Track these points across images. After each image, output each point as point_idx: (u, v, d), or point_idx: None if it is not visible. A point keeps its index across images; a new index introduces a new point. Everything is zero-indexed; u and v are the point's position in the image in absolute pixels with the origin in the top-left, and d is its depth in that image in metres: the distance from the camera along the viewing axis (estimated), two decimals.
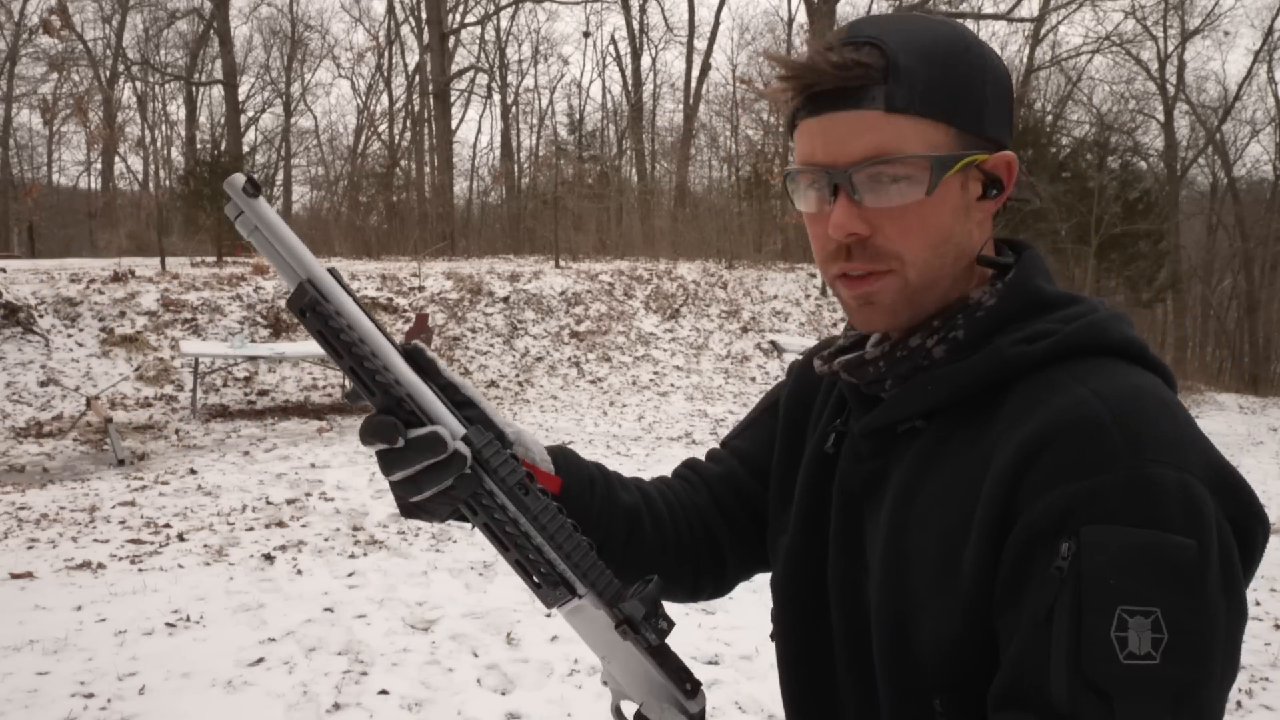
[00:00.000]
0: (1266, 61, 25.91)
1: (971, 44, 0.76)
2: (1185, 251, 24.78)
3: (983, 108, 0.74)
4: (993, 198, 0.76)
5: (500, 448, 0.75)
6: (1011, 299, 0.75)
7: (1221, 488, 0.64)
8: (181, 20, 31.13)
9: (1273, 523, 6.17)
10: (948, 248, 0.75)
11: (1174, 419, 0.66)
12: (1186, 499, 0.62)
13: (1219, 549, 0.62)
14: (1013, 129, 0.79)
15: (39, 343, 9.73)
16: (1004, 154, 0.76)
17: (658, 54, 48.38)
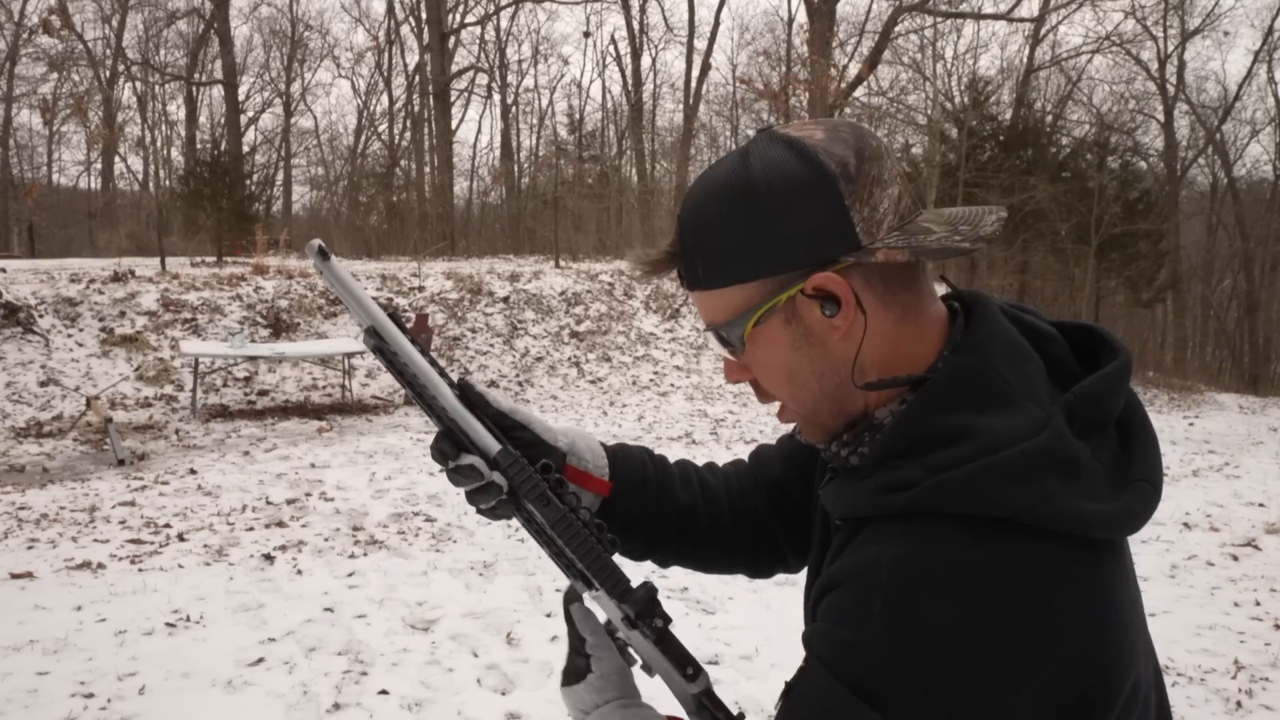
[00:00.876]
0: (1266, 61, 25.93)
1: (738, 184, 0.75)
2: (1185, 251, 24.79)
3: (769, 247, 0.75)
4: (833, 315, 0.74)
5: (524, 466, 0.86)
6: (895, 435, 0.75)
7: (991, 693, 0.65)
8: (181, 20, 31.15)
9: (1272, 523, 6.17)
10: (803, 378, 0.79)
11: (958, 610, 0.65)
12: (901, 685, 0.65)
13: None
14: (855, 225, 0.74)
15: (39, 343, 9.73)
16: (813, 277, 0.74)
17: (658, 54, 48.42)
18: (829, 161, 0.74)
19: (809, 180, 0.74)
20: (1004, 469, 0.69)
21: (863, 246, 0.74)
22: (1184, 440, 10.12)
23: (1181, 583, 4.83)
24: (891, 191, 0.76)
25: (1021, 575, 0.67)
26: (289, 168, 34.34)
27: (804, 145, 0.75)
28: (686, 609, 4.16)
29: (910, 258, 0.72)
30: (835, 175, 0.74)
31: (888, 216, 0.75)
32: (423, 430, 8.67)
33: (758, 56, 27.44)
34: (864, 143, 0.76)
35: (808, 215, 0.74)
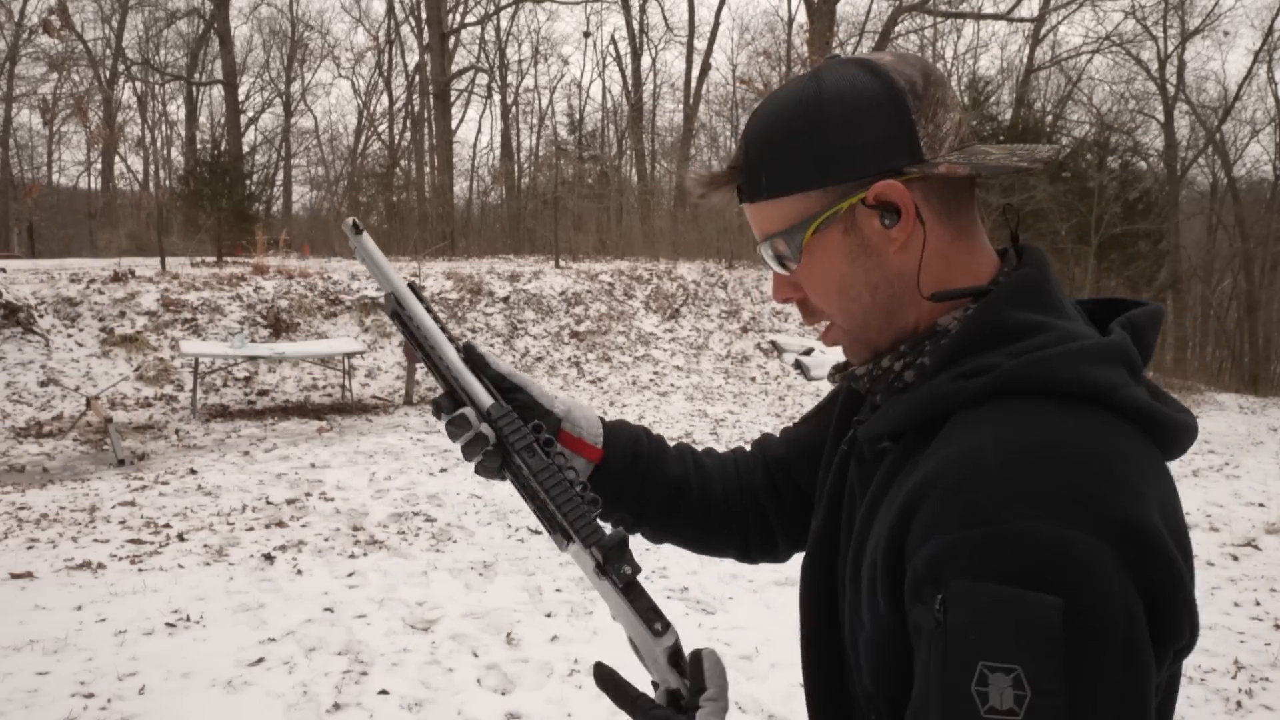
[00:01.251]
0: (1266, 61, 25.92)
1: (809, 98, 0.78)
2: (1185, 251, 24.79)
3: (836, 156, 0.77)
4: (892, 226, 0.76)
5: (513, 419, 0.91)
6: (971, 329, 0.75)
7: (1131, 547, 0.62)
8: (181, 20, 31.16)
9: (1272, 523, 6.17)
10: (856, 290, 0.80)
11: (1079, 471, 0.64)
12: (1058, 555, 0.60)
13: (1108, 608, 0.60)
14: (919, 140, 0.76)
15: (39, 343, 9.73)
16: (876, 184, 0.76)
17: (658, 54, 48.42)
18: (899, 79, 0.77)
19: (879, 94, 0.77)
20: (1087, 353, 0.71)
21: (925, 160, 0.77)
22: None
23: None
24: (954, 115, 0.79)
25: (1120, 445, 0.68)
26: (289, 168, 34.37)
27: (875, 64, 0.78)
28: (686, 609, 4.16)
29: (971, 172, 0.75)
30: (904, 90, 0.77)
31: (949, 136, 0.78)
32: (422, 430, 8.67)
33: (758, 56, 27.47)
34: (930, 69, 0.79)
35: (875, 127, 0.77)
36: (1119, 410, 0.70)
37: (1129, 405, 0.71)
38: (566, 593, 4.37)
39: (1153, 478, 0.68)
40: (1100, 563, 0.61)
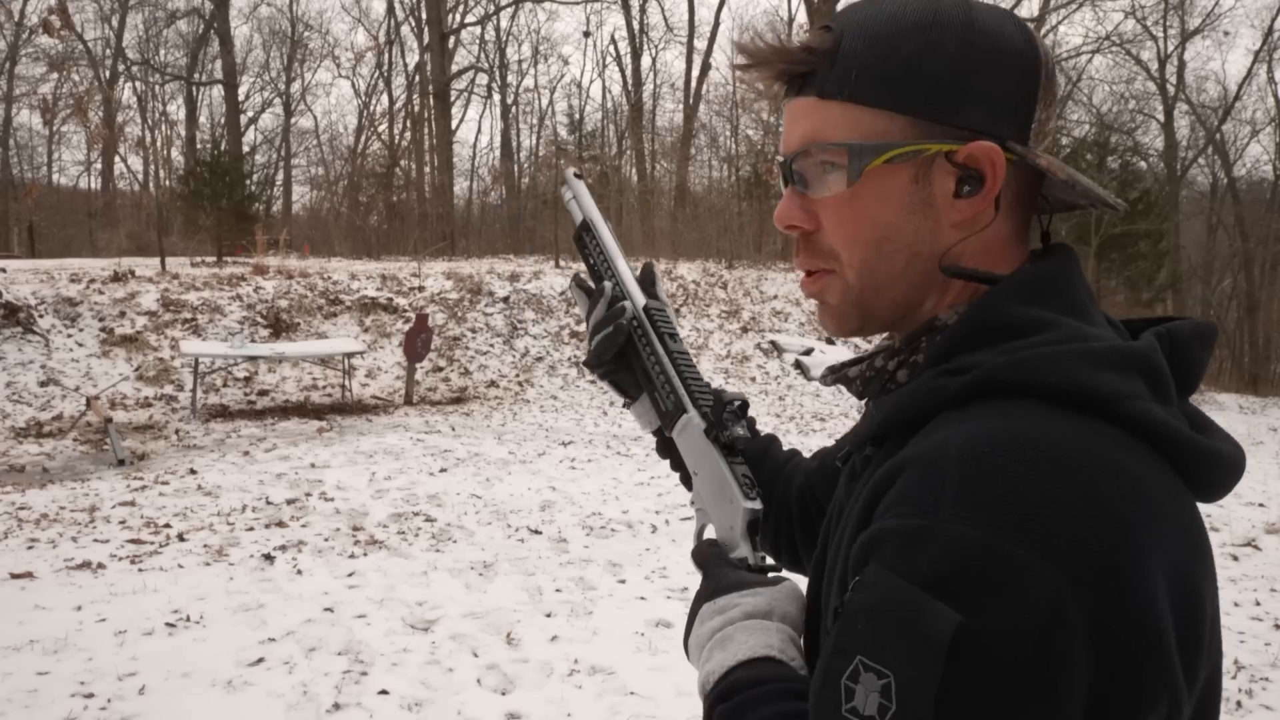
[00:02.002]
0: (1266, 61, 25.92)
1: (954, 13, 0.66)
2: (1185, 251, 24.79)
3: (951, 92, 0.66)
4: (968, 196, 0.66)
5: (662, 307, 0.94)
6: (967, 322, 0.66)
7: (1093, 590, 0.52)
8: (181, 20, 31.16)
9: (1272, 523, 6.17)
10: (893, 248, 0.68)
11: (1051, 482, 0.54)
12: (978, 568, 0.52)
13: (1017, 644, 0.51)
14: (1033, 121, 0.67)
15: (39, 343, 9.73)
16: (979, 143, 0.65)
17: (658, 54, 48.39)
18: (1040, 48, 0.68)
19: (1025, 55, 0.67)
20: (1093, 354, 0.61)
21: (1029, 145, 0.68)
22: None
23: None
24: (1054, 112, 0.70)
25: (1117, 460, 0.56)
26: (289, 168, 34.38)
27: (1027, 26, 0.68)
28: (686, 609, 4.16)
29: (1065, 178, 0.66)
30: (1044, 64, 0.68)
31: (1047, 137, 0.69)
32: (422, 430, 8.67)
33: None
34: (1050, 57, 0.69)
35: (1006, 83, 0.67)
36: (1127, 426, 0.59)
37: (1139, 419, 0.59)
38: (566, 593, 4.37)
39: (1160, 516, 0.56)
40: (1031, 592, 0.51)
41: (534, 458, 7.54)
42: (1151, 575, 0.54)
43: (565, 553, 5.00)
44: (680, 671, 3.48)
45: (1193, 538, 0.59)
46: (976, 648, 0.51)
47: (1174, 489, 0.60)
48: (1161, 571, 0.55)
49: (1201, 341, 0.69)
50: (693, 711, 3.17)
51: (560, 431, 9.10)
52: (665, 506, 6.02)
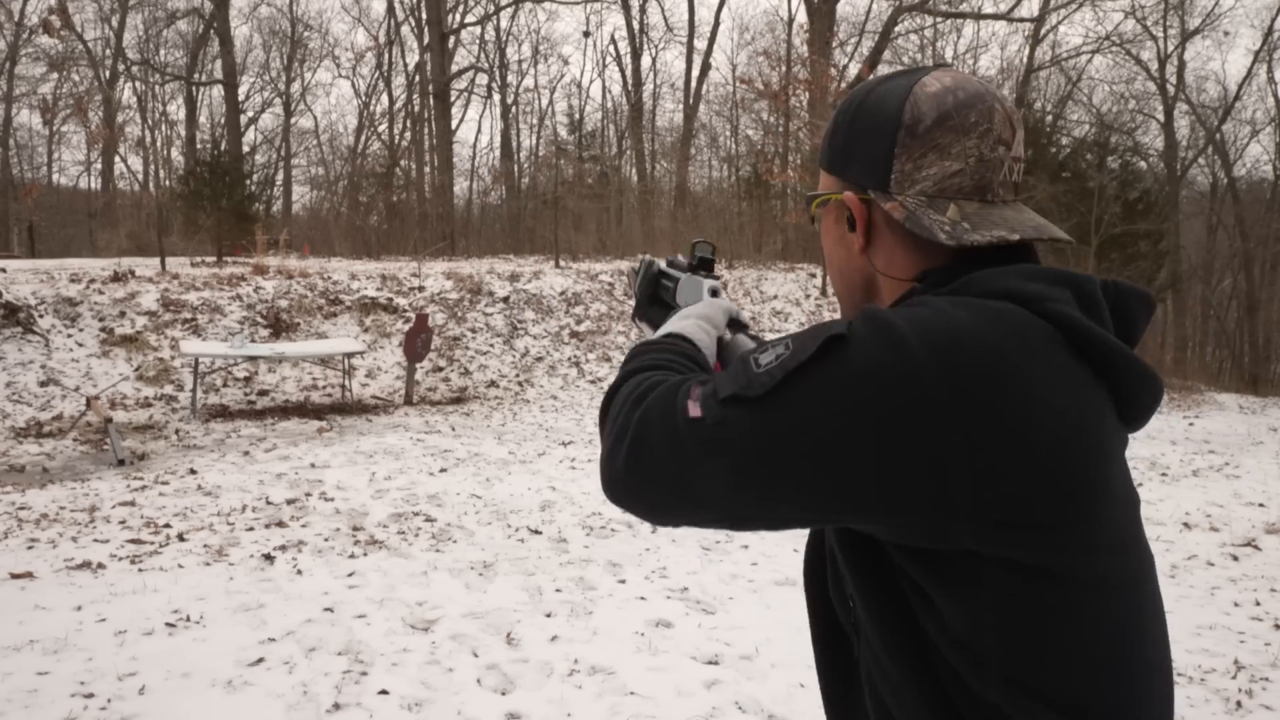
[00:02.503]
0: (1266, 61, 25.91)
1: (859, 99, 0.90)
2: (1185, 251, 24.78)
3: (843, 155, 0.91)
4: (852, 230, 0.90)
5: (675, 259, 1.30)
6: (925, 281, 0.87)
7: (959, 367, 0.73)
8: (181, 20, 31.15)
9: (1272, 523, 6.16)
10: (836, 269, 0.96)
11: (957, 309, 0.77)
12: (877, 323, 0.76)
13: (862, 367, 0.74)
14: (892, 173, 0.87)
15: (39, 343, 9.73)
16: (845, 193, 0.90)
17: (658, 54, 48.38)
18: (909, 111, 0.86)
19: (885, 118, 0.87)
20: (1025, 273, 0.82)
21: (887, 191, 0.87)
22: (1184, 440, 10.12)
23: (1181, 583, 4.83)
24: (949, 165, 0.85)
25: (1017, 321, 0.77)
26: (289, 168, 34.36)
27: (912, 88, 0.87)
28: (687, 609, 4.16)
29: (903, 219, 0.85)
30: (902, 124, 0.86)
31: (925, 181, 0.86)
32: (422, 430, 8.67)
33: (758, 56, 27.42)
34: (961, 114, 0.85)
35: (869, 144, 0.88)
36: (1041, 317, 0.78)
37: (1055, 315, 0.78)
38: (566, 593, 4.37)
39: (1043, 365, 0.76)
40: (894, 343, 0.74)
41: (534, 458, 7.54)
42: (1009, 364, 0.74)
43: (565, 553, 5.00)
44: (680, 671, 3.48)
45: (1075, 395, 0.77)
46: (842, 346, 0.75)
47: (1069, 366, 0.77)
48: (1034, 384, 0.75)
49: (1140, 300, 0.87)
50: (693, 712, 3.18)
51: (560, 431, 9.10)
52: None
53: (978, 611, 0.76)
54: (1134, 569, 0.81)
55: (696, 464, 0.77)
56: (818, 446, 0.74)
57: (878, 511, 0.75)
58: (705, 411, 0.78)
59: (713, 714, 3.17)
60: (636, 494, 0.81)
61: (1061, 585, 0.76)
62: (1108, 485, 0.78)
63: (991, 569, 0.75)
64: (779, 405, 0.75)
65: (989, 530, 0.74)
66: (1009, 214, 0.86)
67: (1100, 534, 0.77)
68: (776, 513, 0.78)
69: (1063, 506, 0.75)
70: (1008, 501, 0.73)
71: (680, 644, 3.75)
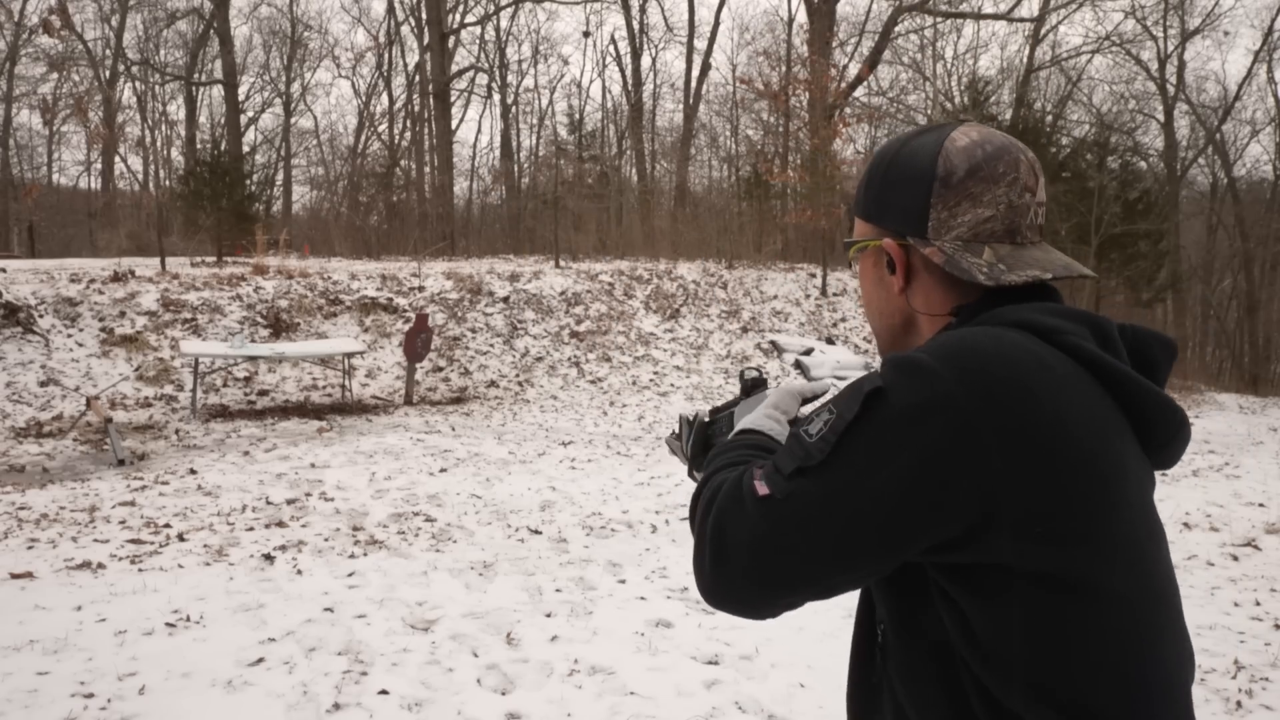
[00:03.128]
0: (1266, 61, 25.91)
1: (891, 153, 0.99)
2: (1185, 251, 24.78)
3: (880, 204, 0.99)
4: (892, 273, 0.98)
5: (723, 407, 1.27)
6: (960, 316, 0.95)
7: (988, 397, 0.80)
8: (181, 20, 31.15)
9: (1272, 523, 6.16)
10: (874, 311, 1.04)
11: (976, 343, 0.84)
12: (908, 366, 0.82)
13: (900, 410, 0.81)
14: (929, 220, 0.95)
15: (39, 343, 9.73)
16: (886, 240, 0.98)
17: (658, 54, 48.38)
18: (942, 164, 0.94)
19: (923, 171, 0.95)
20: (1047, 309, 0.89)
21: (925, 238, 0.95)
22: None
23: (1181, 583, 4.81)
24: (981, 212, 0.94)
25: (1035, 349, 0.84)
26: (289, 168, 34.35)
27: (943, 143, 0.95)
28: (687, 609, 4.16)
29: (942, 263, 0.93)
30: (936, 176, 0.94)
31: (960, 227, 0.94)
32: (422, 430, 8.67)
33: (758, 56, 27.43)
34: (990, 166, 0.93)
35: (906, 196, 0.96)
36: (1057, 348, 0.85)
37: (1074, 348, 0.85)
38: (566, 593, 4.37)
39: (1065, 386, 0.82)
40: (926, 381, 0.80)
41: (534, 458, 7.53)
42: (1034, 394, 0.80)
43: (565, 553, 5.00)
44: (680, 671, 3.48)
45: (1095, 415, 0.83)
46: (881, 397, 0.82)
47: (1090, 390, 0.84)
48: (1059, 411, 0.81)
49: (1161, 344, 0.95)
50: (693, 712, 3.18)
51: (560, 431, 9.10)
52: (665, 506, 6.02)
53: (1006, 622, 0.80)
54: (1154, 589, 0.86)
55: (775, 541, 0.82)
56: (883, 491, 0.79)
57: (940, 535, 0.80)
58: (773, 488, 0.83)
59: (713, 714, 3.17)
60: (728, 591, 0.86)
61: (1081, 598, 0.80)
62: (1126, 502, 0.84)
63: (1021, 582, 0.80)
64: (840, 466, 0.81)
65: (1025, 543, 0.79)
66: (1038, 254, 0.94)
67: (1118, 551, 0.82)
68: (859, 567, 0.83)
69: (1085, 517, 0.80)
70: (1041, 511, 0.79)
71: (680, 644, 3.75)
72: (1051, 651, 0.80)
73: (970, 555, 0.80)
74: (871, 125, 23.60)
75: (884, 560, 0.83)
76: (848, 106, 22.28)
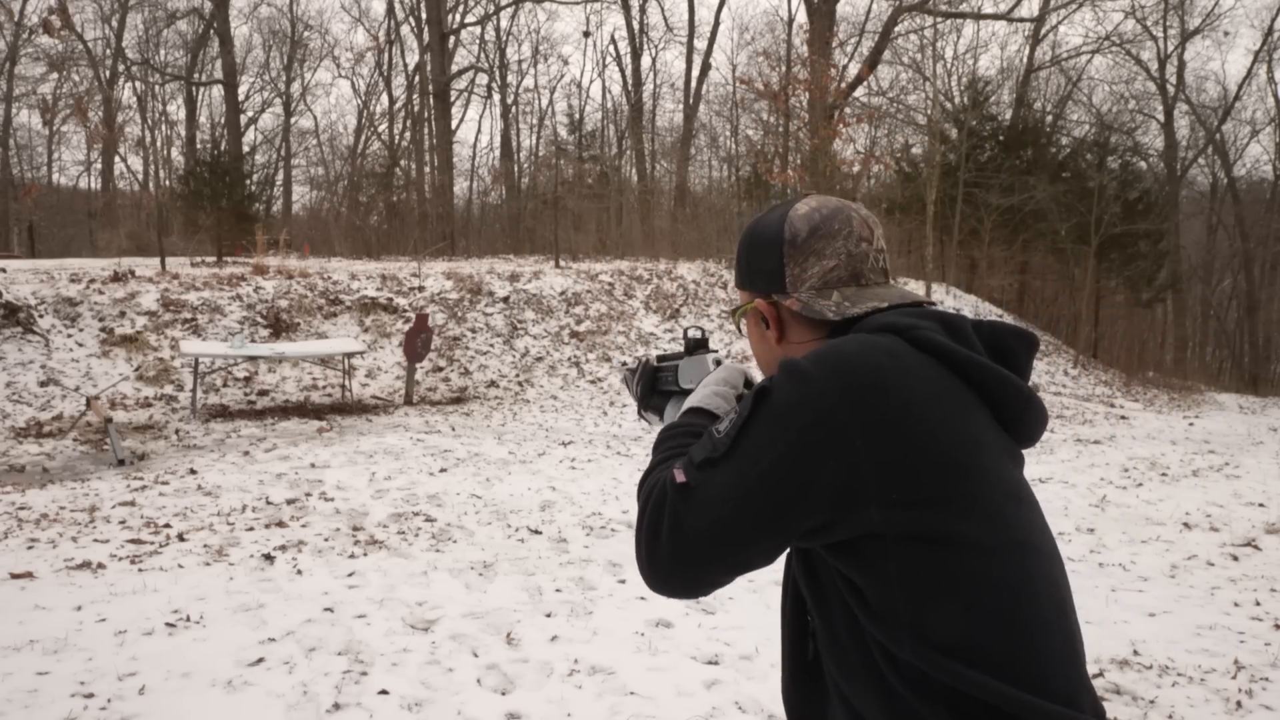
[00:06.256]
0: (1266, 61, 25.91)
1: (750, 232, 1.18)
2: (1185, 251, 24.78)
3: (747, 272, 1.18)
4: (769, 328, 1.15)
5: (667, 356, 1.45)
6: None
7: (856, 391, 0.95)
8: (181, 20, 31.15)
9: (1272, 523, 6.16)
10: (763, 363, 1.20)
11: (845, 345, 1.00)
12: (791, 370, 0.98)
13: (787, 405, 0.96)
14: (785, 277, 1.12)
15: (39, 343, 9.73)
16: (757, 300, 1.16)
17: (658, 54, 48.40)
18: (788, 230, 1.13)
19: (772, 238, 1.15)
20: (901, 311, 1.06)
21: (785, 292, 1.13)
22: (1184, 440, 10.12)
23: (1181, 583, 4.83)
24: (826, 264, 1.11)
25: (893, 347, 0.99)
26: (289, 168, 34.36)
27: (787, 214, 1.14)
28: (686, 609, 4.16)
29: (801, 310, 1.11)
30: (784, 240, 1.13)
31: (812, 278, 1.12)
32: (422, 430, 8.67)
33: (758, 56, 27.41)
34: (827, 224, 1.11)
35: (763, 260, 1.16)
36: (912, 342, 1.00)
37: (923, 339, 1.00)
38: (566, 593, 4.37)
39: (915, 374, 0.97)
40: (803, 380, 0.96)
41: (534, 458, 7.54)
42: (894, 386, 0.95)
43: (565, 553, 5.00)
44: (680, 671, 3.48)
45: (943, 396, 0.98)
46: (767, 396, 0.98)
47: (939, 376, 0.99)
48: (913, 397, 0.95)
49: (1017, 337, 1.08)
50: (693, 712, 3.18)
51: (560, 431, 9.10)
52: None
53: (884, 578, 0.94)
54: (1017, 540, 0.98)
55: (690, 522, 0.97)
56: (768, 473, 0.94)
57: (819, 511, 0.94)
58: (689, 477, 0.99)
59: (713, 714, 3.17)
60: (661, 573, 1.00)
61: (943, 549, 0.93)
62: (979, 467, 0.97)
63: (893, 545, 0.94)
64: (737, 456, 0.97)
65: (889, 510, 0.93)
66: (880, 290, 1.11)
67: (975, 506, 0.95)
68: (758, 542, 0.98)
69: (939, 482, 0.94)
70: (899, 482, 0.93)
71: (680, 644, 3.75)
72: (925, 598, 0.93)
73: (847, 530, 0.95)
74: (871, 125, 23.62)
75: (779, 535, 0.97)
76: (848, 106, 22.28)
